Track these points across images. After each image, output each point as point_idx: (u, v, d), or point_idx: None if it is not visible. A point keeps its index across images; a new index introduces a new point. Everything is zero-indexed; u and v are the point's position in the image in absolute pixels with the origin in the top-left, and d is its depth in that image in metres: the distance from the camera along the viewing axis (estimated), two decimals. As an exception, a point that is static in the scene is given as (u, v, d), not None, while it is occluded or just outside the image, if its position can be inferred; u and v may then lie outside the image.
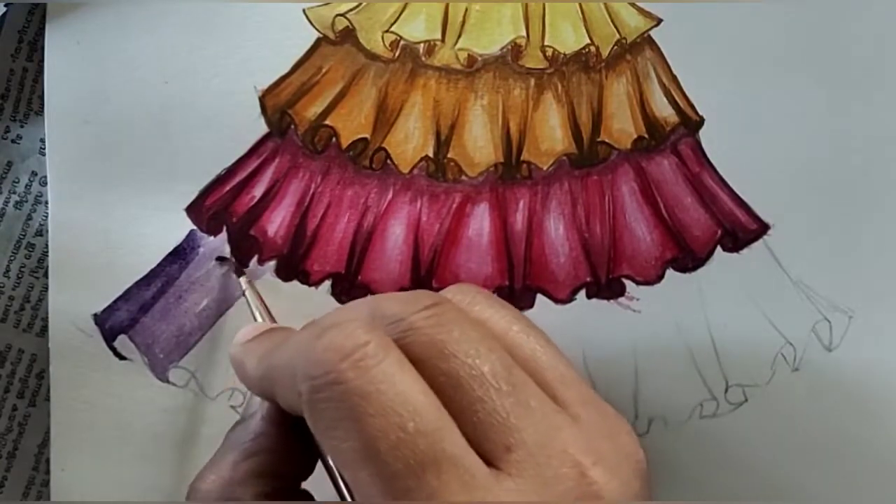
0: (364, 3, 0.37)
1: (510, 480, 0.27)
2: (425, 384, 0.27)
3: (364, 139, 0.38)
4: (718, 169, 0.37)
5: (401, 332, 0.28)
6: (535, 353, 0.30)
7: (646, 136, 0.38)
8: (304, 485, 0.32)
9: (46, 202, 0.39)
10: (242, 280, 0.38)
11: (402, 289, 0.38)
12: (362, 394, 0.26)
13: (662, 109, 0.37)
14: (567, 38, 0.37)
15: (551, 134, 0.38)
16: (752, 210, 0.37)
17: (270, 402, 0.31)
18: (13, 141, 0.39)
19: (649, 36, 0.37)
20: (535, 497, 0.27)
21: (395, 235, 0.38)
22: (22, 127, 0.39)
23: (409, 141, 0.38)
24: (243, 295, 0.38)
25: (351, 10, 0.37)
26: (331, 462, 0.30)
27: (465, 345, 0.28)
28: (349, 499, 0.29)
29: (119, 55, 0.38)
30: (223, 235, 0.39)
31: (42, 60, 0.38)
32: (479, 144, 0.38)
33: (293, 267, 0.39)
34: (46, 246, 0.39)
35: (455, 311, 0.29)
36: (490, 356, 0.28)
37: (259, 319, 0.36)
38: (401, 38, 0.37)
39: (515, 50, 0.37)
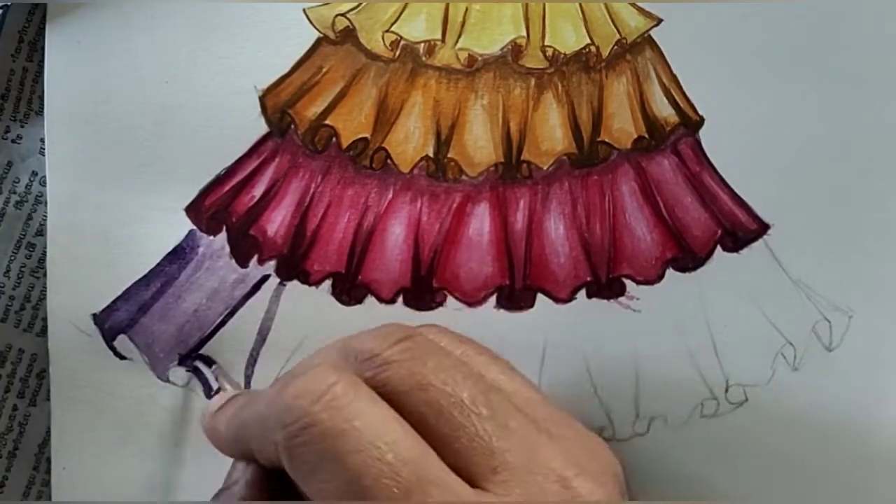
0: (364, 3, 0.37)
1: (496, 498, 0.27)
2: (398, 416, 0.28)
3: (364, 139, 0.38)
4: (718, 169, 0.37)
5: (377, 367, 0.29)
6: (499, 380, 0.31)
7: (646, 135, 0.38)
8: None
9: (46, 202, 0.39)
10: (214, 367, 0.38)
11: (403, 289, 0.38)
12: (338, 433, 0.27)
13: (662, 109, 0.37)
14: (567, 38, 0.37)
15: (551, 134, 0.38)
16: (752, 210, 0.37)
17: (247, 461, 0.32)
18: (13, 141, 0.39)
19: (649, 36, 0.37)
20: None
21: (396, 235, 0.38)
22: (22, 127, 0.39)
23: (410, 141, 0.38)
24: (216, 380, 0.38)
25: (351, 9, 0.37)
26: None
27: (442, 374, 0.29)
28: None
29: (119, 55, 0.38)
30: (223, 235, 0.39)
31: (42, 60, 0.38)
32: (479, 144, 0.38)
33: (293, 267, 0.39)
34: (46, 246, 0.39)
35: (427, 342, 0.30)
36: (466, 383, 0.29)
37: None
38: (401, 37, 0.37)
39: (516, 50, 0.37)
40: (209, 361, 0.39)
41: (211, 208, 0.39)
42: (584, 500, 0.28)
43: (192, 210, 0.39)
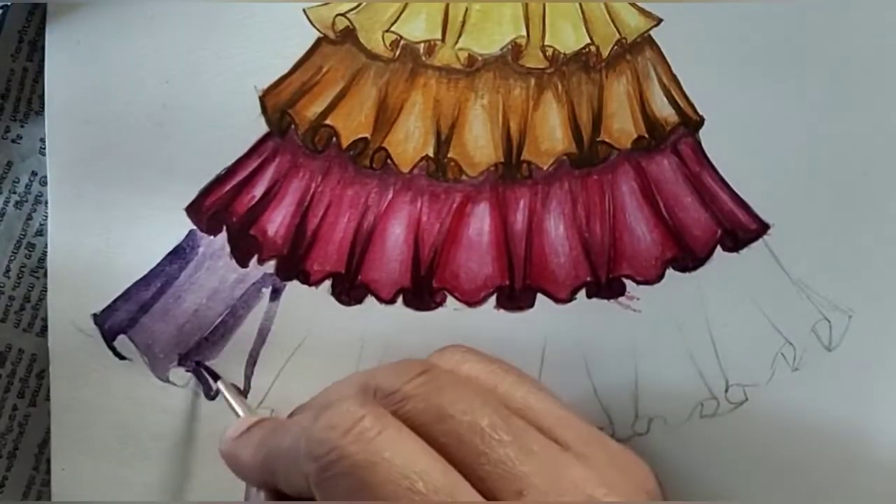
0: (364, 3, 0.37)
1: None
2: (427, 446, 0.28)
3: (364, 139, 0.38)
4: (718, 169, 0.37)
5: (397, 402, 0.29)
6: (528, 401, 0.31)
7: (646, 135, 0.38)
8: None
9: (46, 202, 0.39)
10: (220, 383, 0.39)
11: (403, 289, 0.38)
12: (368, 465, 0.27)
13: (662, 109, 0.37)
14: (567, 37, 0.37)
15: (551, 134, 0.38)
16: (752, 210, 0.37)
17: (270, 490, 0.32)
18: (13, 141, 0.39)
19: (649, 36, 0.37)
20: None
21: (396, 235, 0.38)
22: (22, 127, 0.39)
23: (410, 140, 0.38)
24: (220, 395, 0.39)
25: (351, 9, 0.37)
26: None
27: (461, 404, 0.29)
28: None
29: (119, 55, 0.38)
30: (223, 235, 0.39)
31: (42, 60, 0.38)
32: (479, 144, 0.38)
33: (293, 267, 0.39)
34: (46, 246, 0.39)
35: (444, 374, 0.31)
36: (485, 410, 0.29)
37: (241, 414, 0.37)
38: (401, 37, 0.37)
39: (515, 50, 0.37)
40: (215, 375, 0.39)
41: (211, 208, 0.39)
42: None
43: (193, 210, 0.39)
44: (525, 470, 0.28)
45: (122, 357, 0.39)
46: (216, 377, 0.39)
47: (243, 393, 0.39)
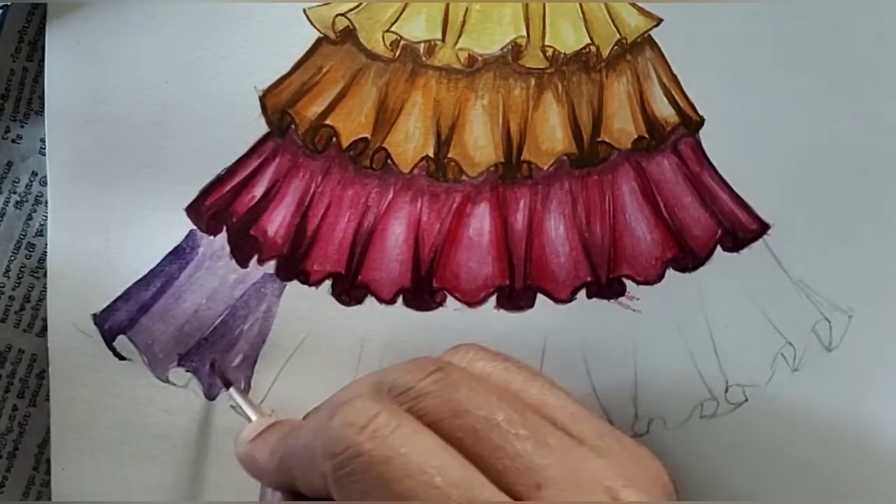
0: (364, 3, 0.37)
1: None
2: (443, 441, 0.28)
3: (364, 139, 0.38)
4: (718, 169, 0.37)
5: (412, 400, 0.29)
6: (543, 396, 0.31)
7: (646, 135, 0.38)
8: None
9: (46, 202, 0.39)
10: (232, 390, 0.39)
11: (403, 289, 0.38)
12: (385, 460, 0.27)
13: (663, 109, 0.37)
14: (567, 37, 0.37)
15: (551, 134, 0.38)
16: (752, 210, 0.37)
17: (287, 491, 0.32)
18: (13, 141, 0.39)
19: (650, 36, 0.37)
20: None
21: (396, 235, 0.38)
22: (22, 127, 0.39)
23: (410, 141, 0.38)
24: (232, 401, 0.39)
25: (351, 9, 0.37)
26: None
27: (476, 399, 0.29)
28: None
29: (119, 55, 0.38)
30: (223, 235, 0.39)
31: (42, 60, 0.38)
32: (479, 144, 0.38)
33: (293, 267, 0.39)
34: (46, 246, 0.39)
35: (458, 370, 0.31)
36: (501, 405, 0.29)
37: (253, 419, 0.37)
38: (401, 37, 0.37)
39: (516, 50, 0.37)
40: (227, 382, 0.39)
41: (211, 208, 0.39)
42: None
43: (193, 210, 0.39)
44: (543, 463, 0.28)
45: (121, 357, 0.39)
46: (228, 384, 0.39)
47: (244, 393, 0.39)
